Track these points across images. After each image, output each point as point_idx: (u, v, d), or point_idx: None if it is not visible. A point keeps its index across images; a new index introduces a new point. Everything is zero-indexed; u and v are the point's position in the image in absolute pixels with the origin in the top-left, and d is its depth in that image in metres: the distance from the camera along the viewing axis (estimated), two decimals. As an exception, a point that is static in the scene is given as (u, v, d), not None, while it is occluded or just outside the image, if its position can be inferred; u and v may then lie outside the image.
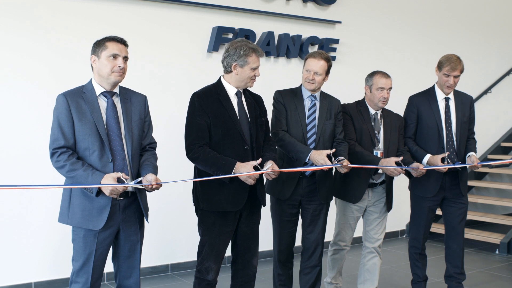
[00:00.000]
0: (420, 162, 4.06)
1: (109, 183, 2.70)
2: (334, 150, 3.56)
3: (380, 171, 3.91)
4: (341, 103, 4.03)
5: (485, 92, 7.59)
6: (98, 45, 2.88)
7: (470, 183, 7.11)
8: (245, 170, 3.05)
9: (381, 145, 3.96)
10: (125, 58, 2.90)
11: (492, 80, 7.75)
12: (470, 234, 6.36)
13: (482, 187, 7.32)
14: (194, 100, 3.20)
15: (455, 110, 4.18)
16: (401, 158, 3.80)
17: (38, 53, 4.50)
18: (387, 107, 4.10)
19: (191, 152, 3.14)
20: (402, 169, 3.83)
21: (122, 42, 2.92)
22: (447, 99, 4.17)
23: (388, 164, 3.75)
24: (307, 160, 3.56)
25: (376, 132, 3.97)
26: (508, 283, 4.94)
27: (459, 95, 4.24)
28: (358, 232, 4.24)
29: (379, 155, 3.91)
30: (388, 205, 4.08)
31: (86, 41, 4.59)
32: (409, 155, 4.07)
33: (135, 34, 4.74)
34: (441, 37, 7.09)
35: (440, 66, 4.12)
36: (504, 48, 7.92)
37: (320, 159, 3.50)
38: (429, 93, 4.21)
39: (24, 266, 4.49)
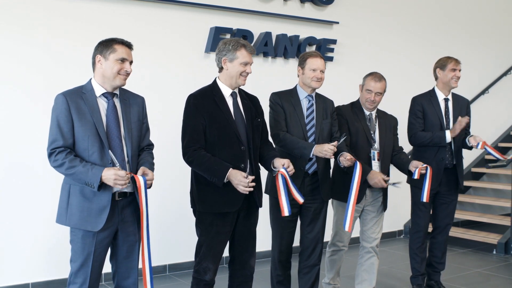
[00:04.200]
0: (444, 141, 4.24)
1: (110, 174, 2.70)
2: (336, 142, 3.57)
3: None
4: (338, 103, 4.05)
5: (483, 92, 7.61)
6: (106, 47, 2.86)
7: (467, 183, 7.14)
8: (234, 179, 3.04)
9: (377, 145, 4.00)
10: (131, 63, 2.91)
11: (489, 81, 7.76)
12: (468, 234, 6.38)
13: (479, 187, 7.33)
14: (190, 102, 3.21)
15: (453, 110, 4.41)
16: (388, 178, 3.90)
17: (34, 55, 4.48)
18: (382, 107, 4.12)
19: (186, 155, 3.15)
20: (386, 182, 3.89)
21: (130, 46, 2.92)
22: (446, 100, 4.41)
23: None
24: (311, 155, 3.60)
25: (371, 132, 4.00)
26: (506, 283, 4.94)
27: (456, 98, 4.50)
28: (355, 233, 4.25)
29: (375, 156, 3.96)
30: (384, 204, 4.11)
31: (81, 42, 4.61)
32: (405, 154, 4.17)
33: (132, 35, 4.71)
34: (438, 38, 7.10)
35: (443, 65, 4.38)
36: (501, 48, 7.94)
37: (322, 149, 3.52)
38: (431, 94, 4.45)
39: (22, 266, 4.48)
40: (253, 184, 3.07)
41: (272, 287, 3.92)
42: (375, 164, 3.98)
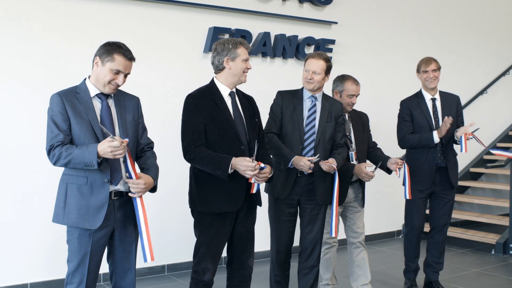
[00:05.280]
0: (432, 142, 4.27)
1: (105, 146, 2.67)
2: (313, 158, 3.56)
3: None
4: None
5: (481, 92, 7.61)
6: (107, 52, 2.83)
7: (466, 183, 7.15)
8: (241, 166, 3.03)
9: (353, 146, 4.06)
10: (127, 75, 2.89)
11: (488, 81, 7.76)
12: (466, 234, 6.38)
13: (478, 188, 7.33)
14: (189, 102, 3.20)
15: (441, 108, 4.46)
16: (370, 165, 3.95)
17: (33, 55, 4.48)
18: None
19: (188, 153, 3.14)
20: (372, 172, 3.92)
21: (131, 59, 2.88)
22: (433, 100, 4.47)
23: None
24: (290, 165, 3.61)
25: (347, 133, 4.04)
26: (504, 283, 4.95)
27: (444, 95, 4.54)
28: (343, 233, 4.29)
29: (353, 156, 4.03)
30: (363, 200, 4.19)
31: (81, 42, 4.60)
32: (381, 150, 4.30)
33: (130, 35, 4.73)
34: (437, 38, 7.10)
35: (418, 68, 4.51)
36: (500, 48, 7.94)
37: (299, 163, 3.55)
38: (417, 96, 4.56)
39: (20, 266, 4.48)
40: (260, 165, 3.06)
41: (271, 287, 3.92)
42: None
